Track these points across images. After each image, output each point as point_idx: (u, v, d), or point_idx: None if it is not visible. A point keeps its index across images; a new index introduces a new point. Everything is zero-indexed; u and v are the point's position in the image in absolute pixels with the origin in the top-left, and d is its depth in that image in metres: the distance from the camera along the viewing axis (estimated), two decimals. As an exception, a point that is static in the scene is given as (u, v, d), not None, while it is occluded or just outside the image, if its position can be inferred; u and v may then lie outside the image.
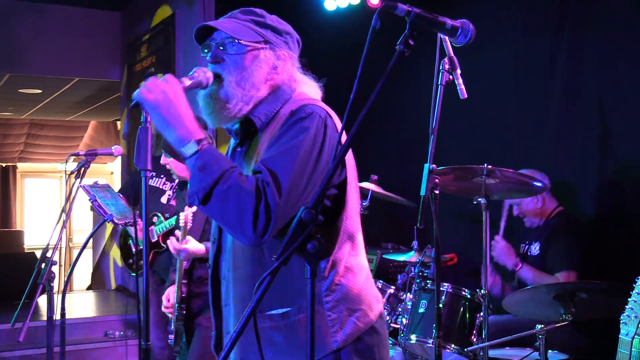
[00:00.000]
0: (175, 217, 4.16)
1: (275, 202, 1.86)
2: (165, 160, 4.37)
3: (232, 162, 1.95)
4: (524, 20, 4.89)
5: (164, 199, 5.11)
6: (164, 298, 4.38)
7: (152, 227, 5.01)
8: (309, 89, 2.21)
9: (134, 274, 5.40)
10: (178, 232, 3.99)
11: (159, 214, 5.01)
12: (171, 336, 4.31)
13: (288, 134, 1.98)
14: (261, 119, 2.10)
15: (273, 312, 2.04)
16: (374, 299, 2.13)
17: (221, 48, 2.12)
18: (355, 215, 2.12)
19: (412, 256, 4.38)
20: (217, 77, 2.10)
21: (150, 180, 5.03)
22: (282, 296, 2.03)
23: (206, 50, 2.18)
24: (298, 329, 2.02)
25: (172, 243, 3.98)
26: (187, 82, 2.08)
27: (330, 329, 2.01)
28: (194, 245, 4.01)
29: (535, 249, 4.27)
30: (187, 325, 4.30)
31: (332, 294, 2.04)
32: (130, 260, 5.36)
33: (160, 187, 5.17)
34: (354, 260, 2.11)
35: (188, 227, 3.96)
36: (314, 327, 1.66)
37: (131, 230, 5.26)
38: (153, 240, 5.01)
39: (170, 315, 4.34)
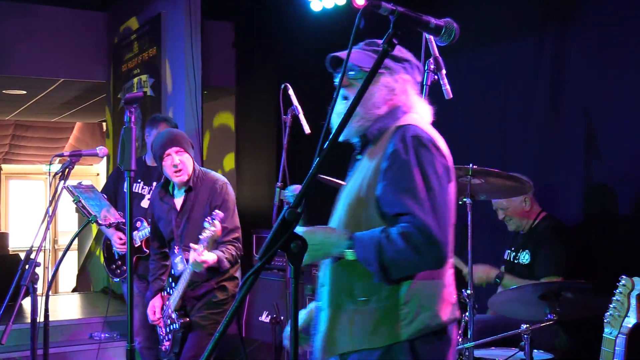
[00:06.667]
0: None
1: (424, 233, 2.16)
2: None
3: (374, 233, 2.24)
4: (507, 20, 4.90)
5: (144, 204, 5.07)
6: (149, 311, 4.34)
7: (135, 232, 4.98)
8: (422, 111, 2.49)
9: (117, 279, 5.37)
10: (195, 246, 3.91)
11: (143, 219, 4.99)
12: (167, 343, 4.27)
13: (397, 162, 2.27)
14: (374, 133, 2.42)
15: (359, 298, 2.33)
16: (448, 305, 2.36)
17: (348, 74, 2.44)
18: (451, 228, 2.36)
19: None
20: (346, 99, 2.45)
21: None
22: (369, 286, 2.30)
23: (336, 75, 2.55)
24: (373, 316, 2.30)
25: (193, 256, 3.91)
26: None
27: (402, 321, 2.27)
28: (209, 256, 3.96)
29: (524, 257, 4.26)
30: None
31: (408, 291, 2.29)
32: (113, 266, 5.34)
33: (139, 191, 5.14)
34: None
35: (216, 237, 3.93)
36: (292, 320, 1.65)
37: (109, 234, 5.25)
38: (136, 245, 4.99)
39: (161, 326, 4.30)
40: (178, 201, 4.30)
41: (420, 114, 2.47)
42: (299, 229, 2.25)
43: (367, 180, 2.35)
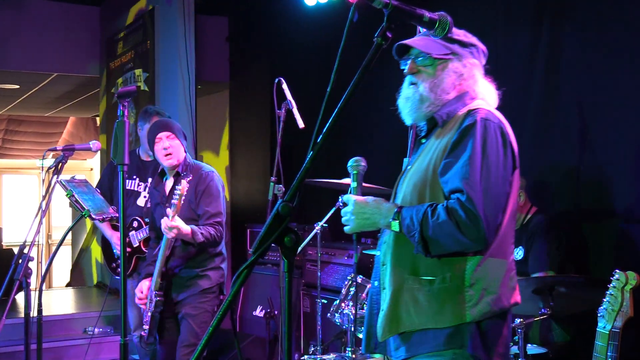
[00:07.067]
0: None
1: (469, 211, 2.20)
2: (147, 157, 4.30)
3: (421, 206, 2.31)
4: (502, 15, 4.89)
5: (140, 202, 5.06)
6: (137, 290, 4.36)
7: (134, 232, 4.97)
8: (488, 96, 2.55)
9: (119, 277, 5.37)
10: (169, 210, 3.98)
11: (139, 219, 4.97)
12: (146, 327, 4.29)
13: (462, 143, 2.32)
14: (443, 117, 2.46)
15: (423, 277, 2.36)
16: (509, 289, 2.41)
17: (416, 61, 2.48)
18: (512, 215, 2.43)
19: (392, 251, 4.38)
20: (414, 84, 2.49)
21: None
22: (434, 266, 2.34)
23: (403, 62, 2.54)
24: (438, 296, 2.33)
25: (164, 221, 4.00)
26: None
27: (467, 303, 2.31)
28: (182, 224, 4.03)
29: (518, 253, 4.26)
30: (164, 315, 4.30)
31: (473, 274, 2.32)
32: (114, 264, 5.33)
33: (135, 188, 5.12)
34: (500, 249, 2.37)
35: (182, 200, 3.97)
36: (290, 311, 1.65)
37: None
38: (135, 246, 4.98)
39: (143, 307, 4.32)
40: (168, 188, 4.37)
41: (487, 100, 2.52)
42: (350, 198, 2.39)
43: (434, 161, 2.39)
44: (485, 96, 2.53)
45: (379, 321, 2.47)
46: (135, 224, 4.96)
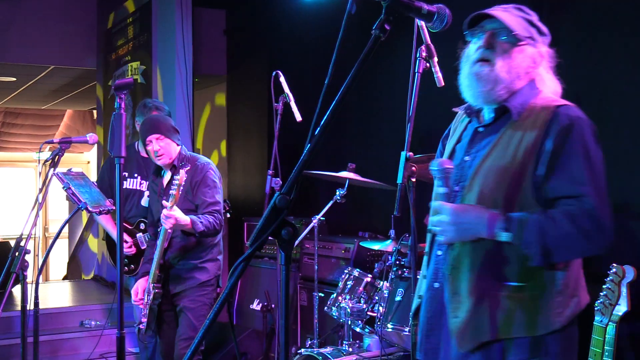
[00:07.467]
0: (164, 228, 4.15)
1: (594, 218, 2.14)
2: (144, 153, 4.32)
3: (534, 215, 2.17)
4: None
5: (144, 202, 5.03)
6: (132, 291, 4.38)
7: (141, 234, 4.96)
8: (553, 87, 2.43)
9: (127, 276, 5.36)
10: (165, 202, 4.00)
11: (145, 221, 4.96)
12: (144, 319, 4.30)
13: (566, 146, 2.20)
14: (517, 108, 2.31)
15: (510, 283, 2.23)
16: (583, 289, 2.36)
17: (496, 37, 2.35)
18: None
19: (389, 245, 4.38)
20: (487, 61, 2.31)
21: (125, 182, 4.97)
22: (522, 271, 2.22)
23: (477, 33, 2.41)
24: (528, 303, 2.22)
25: (163, 211, 4.02)
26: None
27: (556, 310, 2.23)
28: (180, 214, 4.04)
29: None
30: (163, 308, 4.31)
31: (563, 279, 2.25)
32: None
33: (138, 188, 5.09)
34: None
35: (180, 190, 3.98)
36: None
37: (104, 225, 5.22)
38: (142, 248, 4.98)
39: (141, 306, 4.33)
40: (166, 182, 4.40)
41: (553, 89, 2.42)
42: (446, 207, 2.23)
43: (521, 159, 2.23)
44: (550, 88, 2.42)
45: (455, 329, 2.28)
46: (142, 225, 4.95)
